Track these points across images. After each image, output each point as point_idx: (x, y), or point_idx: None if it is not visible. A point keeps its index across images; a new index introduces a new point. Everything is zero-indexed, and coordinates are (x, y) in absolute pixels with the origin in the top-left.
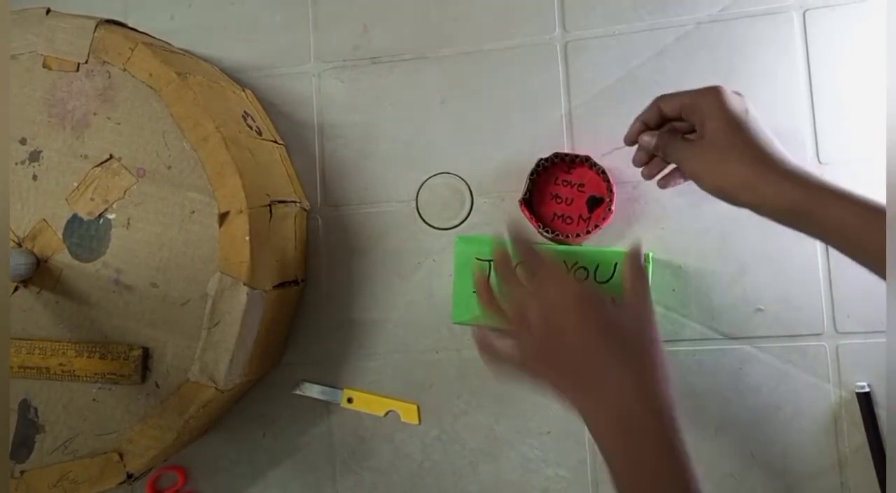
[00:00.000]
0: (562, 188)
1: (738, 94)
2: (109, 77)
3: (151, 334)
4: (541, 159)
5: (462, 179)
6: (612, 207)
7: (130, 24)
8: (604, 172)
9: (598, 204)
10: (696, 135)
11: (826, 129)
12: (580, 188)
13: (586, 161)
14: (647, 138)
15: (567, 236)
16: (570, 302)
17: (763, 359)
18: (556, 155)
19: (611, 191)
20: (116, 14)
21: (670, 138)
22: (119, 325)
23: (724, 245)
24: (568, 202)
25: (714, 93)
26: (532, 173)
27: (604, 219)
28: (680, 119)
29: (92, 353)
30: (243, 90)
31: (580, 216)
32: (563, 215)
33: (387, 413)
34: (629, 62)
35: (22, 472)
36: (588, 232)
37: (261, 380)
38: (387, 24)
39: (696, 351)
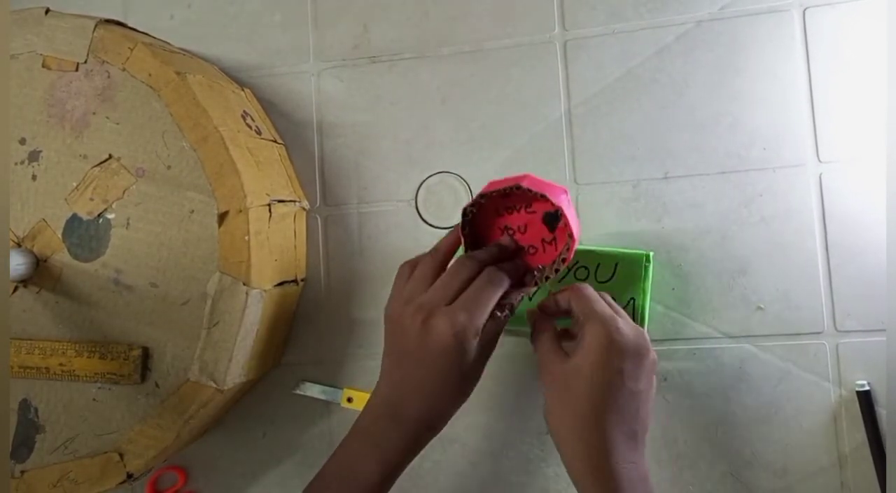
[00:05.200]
0: (509, 217)
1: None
2: (109, 77)
3: (151, 334)
4: (467, 207)
5: (461, 178)
6: (570, 222)
7: (130, 24)
8: (542, 195)
9: (556, 220)
10: (571, 353)
11: (826, 127)
12: (528, 210)
13: (517, 189)
14: (529, 313)
15: (541, 276)
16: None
17: (763, 358)
18: (482, 195)
19: (557, 207)
20: (116, 14)
21: (545, 332)
22: (119, 325)
23: (724, 244)
24: (522, 230)
25: (600, 338)
26: (464, 226)
27: (571, 239)
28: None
29: (92, 353)
30: (242, 90)
31: (543, 240)
32: (524, 248)
33: None
34: (629, 61)
35: (22, 472)
36: (564, 260)
37: (261, 380)
38: (386, 24)
39: (696, 350)
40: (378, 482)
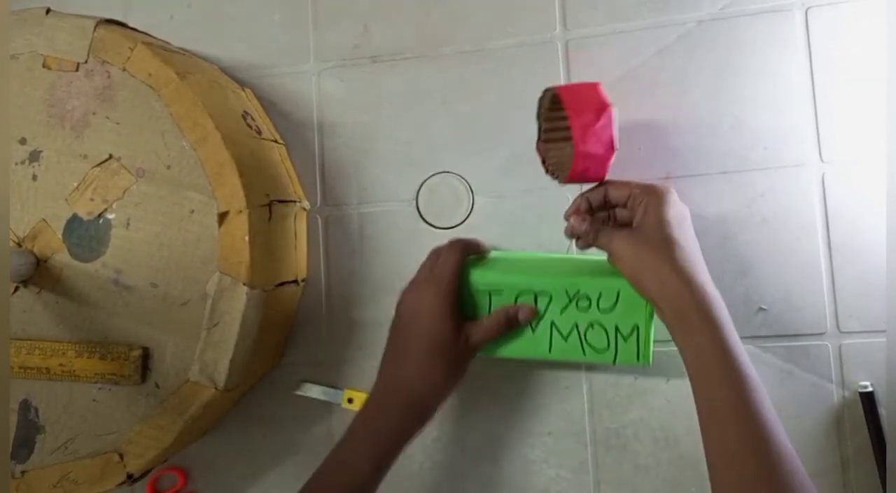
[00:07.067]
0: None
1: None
2: (109, 77)
3: (151, 335)
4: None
5: (462, 178)
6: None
7: (130, 24)
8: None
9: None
10: (635, 222)
11: (828, 127)
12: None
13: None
14: (577, 224)
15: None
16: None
17: (766, 359)
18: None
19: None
20: (116, 14)
21: (602, 226)
22: (119, 325)
23: (726, 245)
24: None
25: (662, 193)
26: (539, 116)
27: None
28: (622, 206)
29: (92, 353)
30: (243, 89)
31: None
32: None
33: None
34: (630, 61)
35: (23, 472)
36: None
37: (261, 380)
38: (387, 24)
39: None
40: (368, 473)
